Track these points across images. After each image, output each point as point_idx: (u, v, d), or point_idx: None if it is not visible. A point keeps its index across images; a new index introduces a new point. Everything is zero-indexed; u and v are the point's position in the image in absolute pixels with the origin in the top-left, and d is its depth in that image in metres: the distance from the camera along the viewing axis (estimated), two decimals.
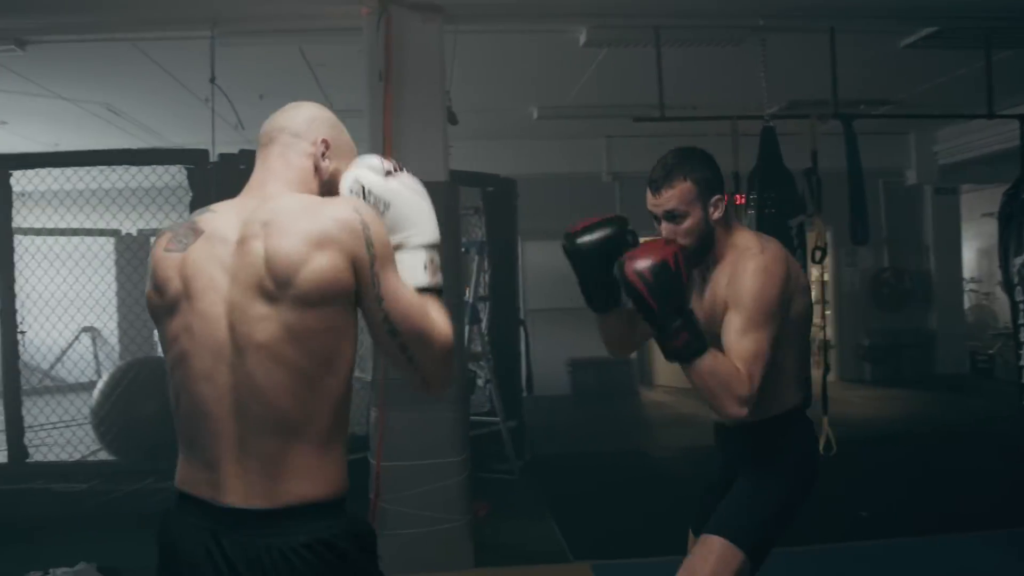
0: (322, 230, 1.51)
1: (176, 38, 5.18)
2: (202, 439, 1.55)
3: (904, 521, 4.94)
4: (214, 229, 1.58)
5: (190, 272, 1.56)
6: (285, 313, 1.49)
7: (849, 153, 5.48)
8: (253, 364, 1.50)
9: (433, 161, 4.18)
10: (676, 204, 2.27)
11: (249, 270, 1.52)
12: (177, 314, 1.56)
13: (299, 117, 1.73)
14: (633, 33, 5.62)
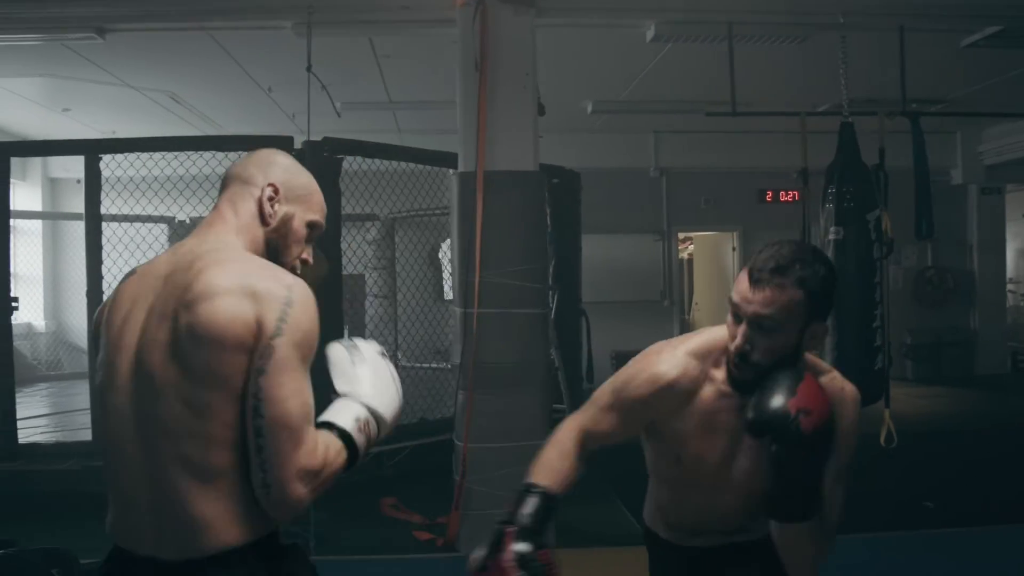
0: (250, 282, 1.45)
1: (254, 28, 5.28)
2: (120, 484, 1.50)
3: (963, 511, 5.01)
4: (148, 268, 1.59)
5: (117, 304, 1.56)
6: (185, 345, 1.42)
7: (916, 149, 5.54)
8: (157, 403, 1.44)
9: (523, 151, 4.28)
10: (773, 312, 1.74)
11: (168, 299, 1.47)
12: (100, 350, 1.57)
13: (251, 163, 1.70)
14: (702, 28, 5.69)
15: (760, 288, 1.75)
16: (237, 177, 1.68)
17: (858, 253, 4.58)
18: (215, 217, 1.64)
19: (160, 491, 1.43)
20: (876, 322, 4.60)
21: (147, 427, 1.44)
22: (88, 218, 5.24)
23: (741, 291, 1.79)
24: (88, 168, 5.21)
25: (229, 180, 1.69)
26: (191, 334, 1.42)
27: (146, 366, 1.45)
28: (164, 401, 1.42)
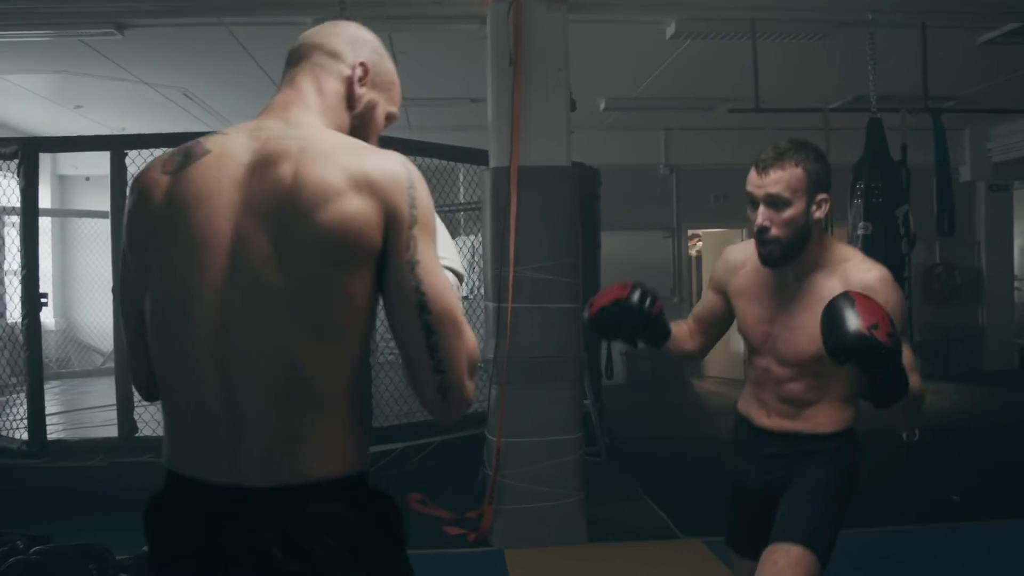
0: (364, 171, 1.26)
1: (276, 23, 5.27)
2: (191, 402, 1.29)
3: (984, 505, 5.04)
4: (224, 150, 1.32)
5: (188, 197, 1.29)
6: (299, 254, 1.23)
7: (937, 146, 5.58)
8: (259, 313, 1.24)
9: (556, 146, 4.29)
10: (782, 189, 2.09)
11: (266, 198, 1.26)
12: (163, 248, 1.30)
13: (340, 35, 1.47)
14: (725, 26, 5.71)
15: (767, 172, 2.11)
16: (320, 49, 1.45)
17: (887, 248, 4.60)
18: (293, 95, 1.41)
19: (252, 411, 1.24)
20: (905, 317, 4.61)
21: (244, 340, 1.24)
22: (114, 215, 5.23)
23: (752, 181, 2.15)
24: (113, 164, 5.19)
25: (308, 51, 1.45)
26: (312, 243, 1.23)
27: (248, 273, 1.25)
28: (273, 315, 1.23)
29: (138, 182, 1.37)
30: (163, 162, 1.35)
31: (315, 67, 1.43)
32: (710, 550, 4.20)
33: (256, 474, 1.25)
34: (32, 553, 3.79)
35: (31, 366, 5.02)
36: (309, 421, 1.26)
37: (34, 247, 5.02)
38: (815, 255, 2.18)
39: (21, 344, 5.16)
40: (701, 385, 10.70)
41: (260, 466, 1.25)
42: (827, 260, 2.19)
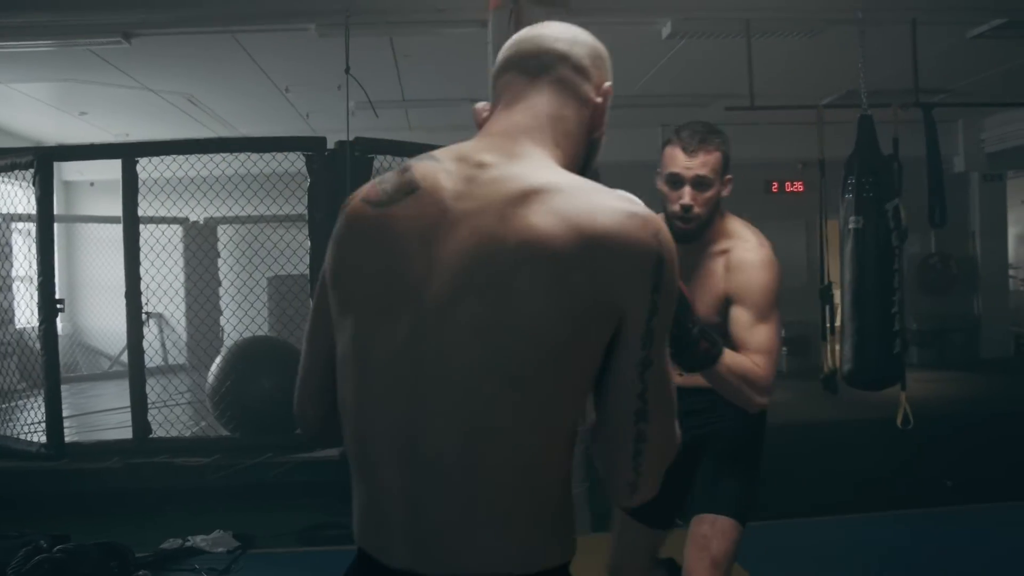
0: (609, 233, 1.05)
1: (288, 28, 5.39)
2: (368, 484, 1.16)
3: (978, 489, 5.18)
4: (434, 184, 1.11)
5: (389, 245, 1.11)
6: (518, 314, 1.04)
7: (928, 140, 5.68)
8: (455, 385, 1.07)
9: None
10: (708, 171, 2.27)
11: (472, 259, 1.06)
12: (360, 305, 1.13)
13: (583, 44, 1.24)
14: (720, 25, 5.83)
15: (695, 155, 2.28)
16: (567, 61, 1.21)
17: (877, 241, 4.72)
18: (526, 118, 1.18)
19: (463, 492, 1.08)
20: (895, 308, 4.75)
21: (461, 419, 1.07)
22: (126, 221, 5.34)
23: (680, 162, 2.30)
24: (125, 171, 5.30)
25: (551, 60, 1.21)
26: (540, 312, 1.04)
27: (460, 340, 1.06)
28: (488, 382, 1.05)
29: (345, 210, 1.19)
30: (368, 190, 1.17)
31: (559, 84, 1.20)
32: None
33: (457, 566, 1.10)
34: (56, 551, 3.92)
35: (48, 370, 5.14)
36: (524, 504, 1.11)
37: (50, 255, 5.15)
38: (712, 233, 2.36)
39: (33, 350, 5.28)
40: None
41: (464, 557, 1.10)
42: (720, 238, 2.37)
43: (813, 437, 7.12)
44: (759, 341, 2.19)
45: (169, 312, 9.84)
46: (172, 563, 4.26)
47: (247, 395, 5.48)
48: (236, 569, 4.24)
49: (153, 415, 5.55)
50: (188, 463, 5.23)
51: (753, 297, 2.25)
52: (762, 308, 2.24)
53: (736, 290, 2.28)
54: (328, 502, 4.94)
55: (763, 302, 2.25)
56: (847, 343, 4.93)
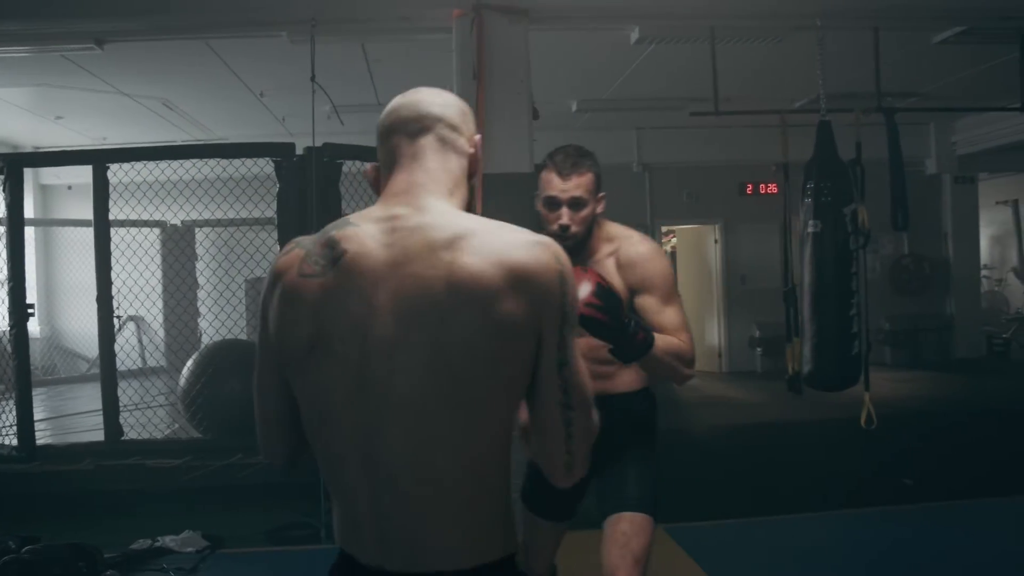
0: (522, 264, 1.24)
1: (258, 35, 5.44)
2: (349, 496, 1.32)
3: (939, 488, 5.29)
4: (361, 249, 1.28)
5: (332, 305, 1.27)
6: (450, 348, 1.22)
7: (891, 143, 5.78)
8: (403, 413, 1.24)
9: (520, 154, 4.48)
10: (583, 192, 2.43)
11: (410, 301, 1.23)
12: (314, 354, 1.28)
13: (453, 106, 1.43)
14: (685, 31, 5.93)
15: (569, 178, 2.43)
16: (443, 121, 1.40)
17: (835, 245, 4.82)
18: (422, 175, 1.36)
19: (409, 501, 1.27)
20: (853, 310, 4.85)
21: (412, 436, 1.25)
22: (97, 225, 5.39)
23: (556, 185, 2.44)
24: (96, 177, 5.35)
25: (431, 121, 1.39)
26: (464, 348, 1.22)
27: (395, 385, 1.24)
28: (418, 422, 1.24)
29: (281, 283, 1.32)
30: (300, 262, 1.31)
31: (440, 142, 1.38)
32: (669, 535, 4.42)
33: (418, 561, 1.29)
34: (24, 552, 3.97)
35: (19, 374, 5.19)
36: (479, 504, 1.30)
37: (21, 260, 5.19)
38: (593, 243, 2.54)
39: (8, 353, 5.32)
40: None
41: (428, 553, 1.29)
42: (603, 241, 2.56)
43: (781, 437, 7.23)
44: (674, 321, 2.42)
45: (148, 315, 9.88)
46: (140, 563, 4.32)
47: (218, 397, 5.54)
48: (204, 568, 4.30)
49: (126, 418, 5.60)
50: (159, 465, 5.27)
51: (656, 283, 2.46)
52: (665, 292, 2.46)
53: (638, 282, 2.48)
54: (296, 503, 5.02)
55: (665, 286, 2.48)
56: (807, 345, 5.03)
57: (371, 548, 1.29)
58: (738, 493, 5.48)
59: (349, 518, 1.32)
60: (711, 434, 7.59)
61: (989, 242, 13.48)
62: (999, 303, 13.30)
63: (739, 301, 11.01)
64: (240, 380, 5.58)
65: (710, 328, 11.39)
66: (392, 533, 1.27)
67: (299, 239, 1.37)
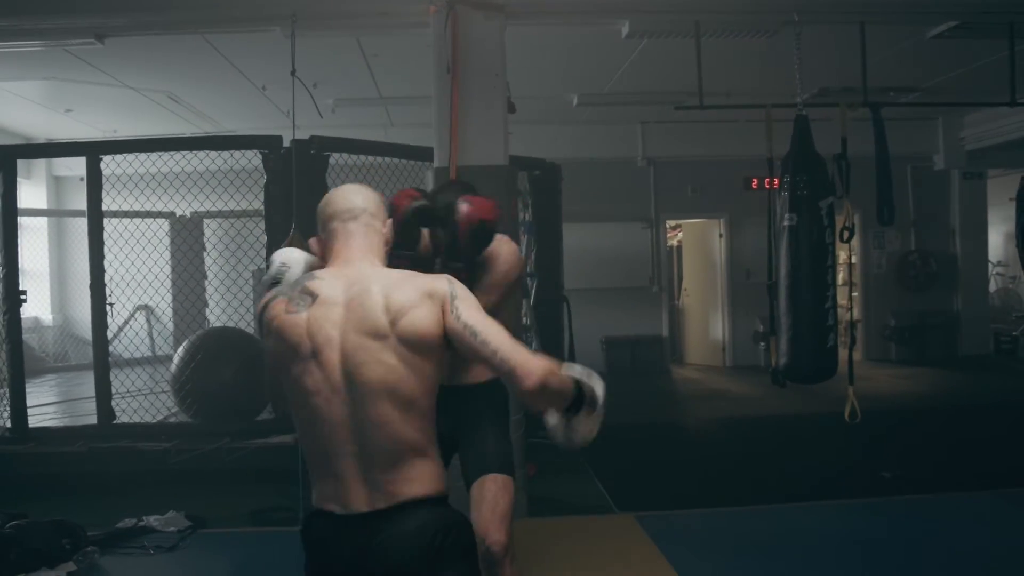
0: (427, 289, 1.89)
1: (247, 31, 5.56)
2: (329, 461, 1.88)
3: (927, 481, 5.32)
4: (327, 295, 1.92)
5: (313, 330, 1.88)
6: (395, 352, 1.83)
7: (877, 138, 5.77)
8: (365, 397, 1.83)
9: (494, 146, 4.56)
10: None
11: (364, 321, 1.85)
12: (302, 362, 1.88)
13: (373, 198, 2.10)
14: (672, 26, 5.97)
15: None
16: (366, 211, 2.07)
17: (810, 238, 4.84)
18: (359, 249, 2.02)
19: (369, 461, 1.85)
20: (828, 303, 4.87)
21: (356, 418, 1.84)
22: (90, 216, 5.55)
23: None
24: (89, 169, 5.50)
25: (359, 212, 2.05)
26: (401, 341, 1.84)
27: (355, 376, 1.84)
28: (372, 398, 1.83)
29: (274, 319, 1.94)
30: (286, 304, 1.93)
31: (368, 227, 2.05)
32: (638, 523, 4.50)
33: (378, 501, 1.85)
34: (7, 527, 4.12)
35: (12, 358, 5.35)
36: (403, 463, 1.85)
37: (13, 247, 5.35)
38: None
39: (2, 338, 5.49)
40: (680, 372, 10.97)
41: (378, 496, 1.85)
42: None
43: (774, 430, 7.27)
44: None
45: (158, 304, 10.07)
46: (123, 541, 4.47)
47: (207, 384, 5.67)
48: (184, 547, 4.44)
49: (129, 403, 5.76)
50: (149, 448, 5.42)
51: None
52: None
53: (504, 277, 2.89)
54: (279, 487, 5.14)
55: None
56: (783, 338, 5.05)
57: (358, 498, 1.84)
58: (717, 484, 5.54)
59: (330, 479, 1.87)
60: (703, 426, 7.64)
61: (1003, 239, 13.35)
62: (1012, 300, 13.18)
63: (743, 295, 11.01)
64: (229, 367, 5.72)
65: (714, 322, 11.40)
66: (373, 481, 1.83)
67: (278, 290, 2.02)
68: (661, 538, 4.29)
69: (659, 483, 5.54)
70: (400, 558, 1.82)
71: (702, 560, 4.05)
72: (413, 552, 1.82)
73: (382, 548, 1.82)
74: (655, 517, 4.66)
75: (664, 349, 11.10)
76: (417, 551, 1.82)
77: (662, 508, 4.86)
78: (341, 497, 1.85)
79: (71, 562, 4.08)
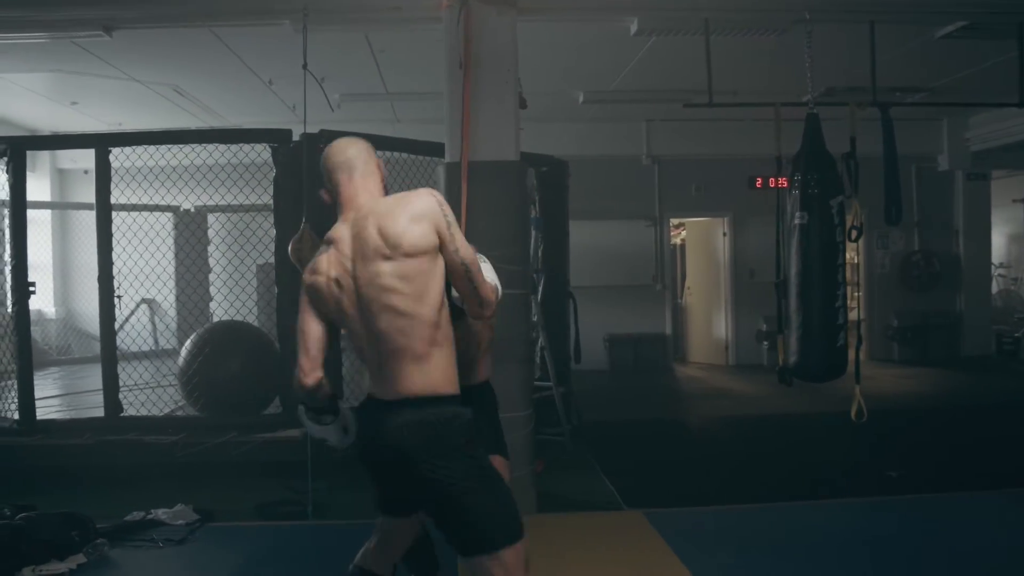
0: (416, 212, 2.30)
1: (259, 24, 5.55)
2: (367, 360, 2.41)
3: (932, 480, 5.31)
4: (338, 236, 2.40)
5: (331, 264, 2.37)
6: (396, 265, 2.27)
7: (885, 138, 5.77)
8: (376, 311, 2.30)
9: (506, 142, 4.55)
10: None
11: (365, 247, 2.30)
12: (331, 293, 2.37)
13: (364, 148, 2.53)
14: (681, 23, 5.97)
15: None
16: (359, 158, 2.49)
17: (821, 237, 4.83)
18: (356, 190, 2.44)
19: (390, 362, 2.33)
20: (839, 302, 4.86)
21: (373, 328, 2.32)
22: (99, 208, 5.54)
23: None
24: (98, 161, 5.49)
25: (355, 161, 2.47)
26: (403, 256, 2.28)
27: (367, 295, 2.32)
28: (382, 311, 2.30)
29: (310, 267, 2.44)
30: (312, 266, 2.42)
31: (365, 172, 2.48)
32: (647, 519, 4.50)
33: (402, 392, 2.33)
34: (18, 519, 4.11)
35: (21, 351, 5.34)
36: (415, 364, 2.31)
37: (23, 240, 5.34)
38: None
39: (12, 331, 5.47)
40: (683, 370, 10.98)
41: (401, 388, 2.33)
42: None
43: (776, 429, 7.27)
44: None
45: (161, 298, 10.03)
46: (132, 533, 4.45)
47: (214, 377, 5.67)
48: (193, 540, 4.43)
49: (136, 396, 5.76)
50: (156, 441, 5.41)
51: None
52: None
53: None
54: (285, 480, 5.14)
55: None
56: (792, 336, 5.05)
57: (392, 389, 2.32)
58: (724, 482, 5.54)
59: (376, 375, 2.37)
60: (707, 424, 7.63)
61: (1006, 240, 13.37)
62: (1014, 302, 13.19)
63: (747, 294, 11.02)
64: (237, 360, 5.72)
65: (718, 321, 11.40)
66: (400, 377, 2.30)
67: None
68: (671, 535, 4.28)
69: (666, 480, 5.54)
70: (403, 443, 2.27)
71: (712, 557, 4.04)
72: (412, 440, 2.26)
73: (391, 433, 2.29)
74: (664, 514, 4.65)
75: (667, 347, 11.11)
76: (417, 440, 2.26)
77: (670, 505, 4.86)
78: (377, 387, 2.37)
79: (81, 554, 4.07)
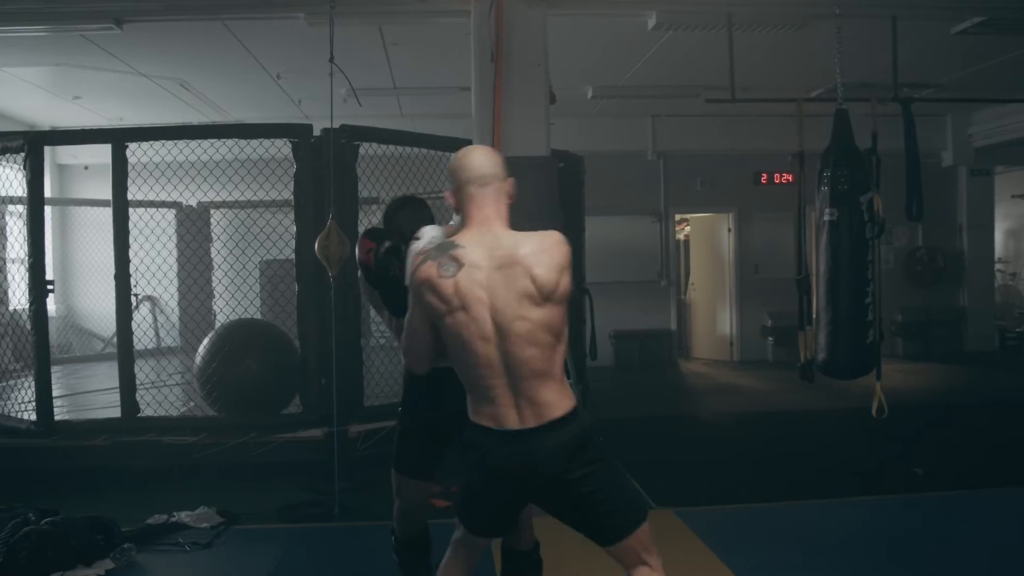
0: (561, 262, 2.29)
1: (278, 17, 5.47)
2: (484, 390, 2.34)
3: (960, 477, 5.30)
4: (471, 261, 2.30)
5: (463, 291, 2.29)
6: (541, 312, 2.26)
7: (907, 133, 5.76)
8: (518, 344, 2.27)
9: (536, 137, 4.50)
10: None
11: (513, 287, 2.26)
12: (455, 316, 2.30)
13: (499, 163, 2.41)
14: (703, 18, 5.92)
15: None
16: (496, 176, 2.37)
17: (851, 233, 4.82)
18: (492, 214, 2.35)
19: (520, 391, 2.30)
20: (868, 299, 4.85)
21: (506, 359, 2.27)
22: (116, 205, 5.44)
23: None
24: (115, 156, 5.39)
25: (491, 178, 2.35)
26: (549, 305, 2.26)
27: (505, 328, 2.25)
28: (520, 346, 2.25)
29: (427, 279, 2.31)
30: (438, 268, 2.30)
31: (498, 192, 2.37)
32: (679, 518, 4.46)
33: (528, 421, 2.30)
34: (43, 524, 4.02)
35: (38, 350, 5.25)
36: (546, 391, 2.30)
37: (40, 237, 5.24)
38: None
39: (25, 331, 5.36)
40: (687, 366, 10.96)
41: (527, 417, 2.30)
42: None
43: (791, 425, 7.25)
44: None
45: (164, 295, 9.92)
46: (156, 537, 4.36)
47: (233, 376, 5.58)
48: (219, 544, 4.35)
49: (143, 396, 5.66)
50: (175, 442, 5.32)
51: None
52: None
53: None
54: (309, 481, 5.07)
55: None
56: (821, 333, 5.03)
57: (511, 418, 2.30)
58: (748, 479, 5.50)
59: (488, 402, 2.31)
60: (720, 421, 7.61)
61: (1004, 236, 13.40)
62: (1012, 297, 13.23)
63: (752, 290, 11.01)
64: (256, 359, 5.63)
65: (722, 317, 11.39)
66: (522, 404, 2.28)
67: (425, 251, 2.37)
68: (705, 533, 4.25)
69: (691, 478, 5.50)
70: (547, 463, 2.31)
71: (747, 556, 4.01)
72: (556, 458, 2.30)
73: (533, 456, 2.30)
74: (694, 512, 4.61)
75: (672, 343, 11.08)
76: (559, 458, 2.31)
77: (699, 504, 4.82)
78: (496, 417, 2.31)
79: (108, 559, 3.99)
